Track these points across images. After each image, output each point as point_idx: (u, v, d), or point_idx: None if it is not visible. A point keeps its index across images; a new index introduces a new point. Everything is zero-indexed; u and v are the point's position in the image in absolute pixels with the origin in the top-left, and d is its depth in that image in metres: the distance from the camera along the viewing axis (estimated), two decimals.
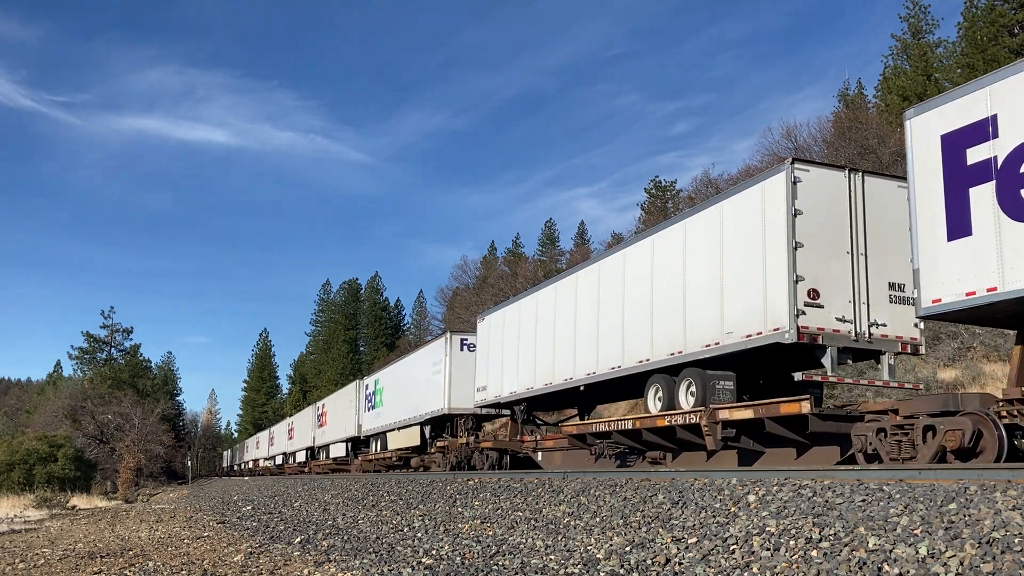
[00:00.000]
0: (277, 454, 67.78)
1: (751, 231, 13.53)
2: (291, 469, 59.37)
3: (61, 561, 14.01)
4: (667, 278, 15.66)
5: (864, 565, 6.37)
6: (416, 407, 29.17)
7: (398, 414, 31.91)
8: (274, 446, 70.53)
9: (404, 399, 31.08)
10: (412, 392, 30.03)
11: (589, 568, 8.39)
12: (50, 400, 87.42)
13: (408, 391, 30.71)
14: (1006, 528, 6.11)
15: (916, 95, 39.31)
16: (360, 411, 39.01)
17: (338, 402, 45.42)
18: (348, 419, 41.04)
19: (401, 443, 31.26)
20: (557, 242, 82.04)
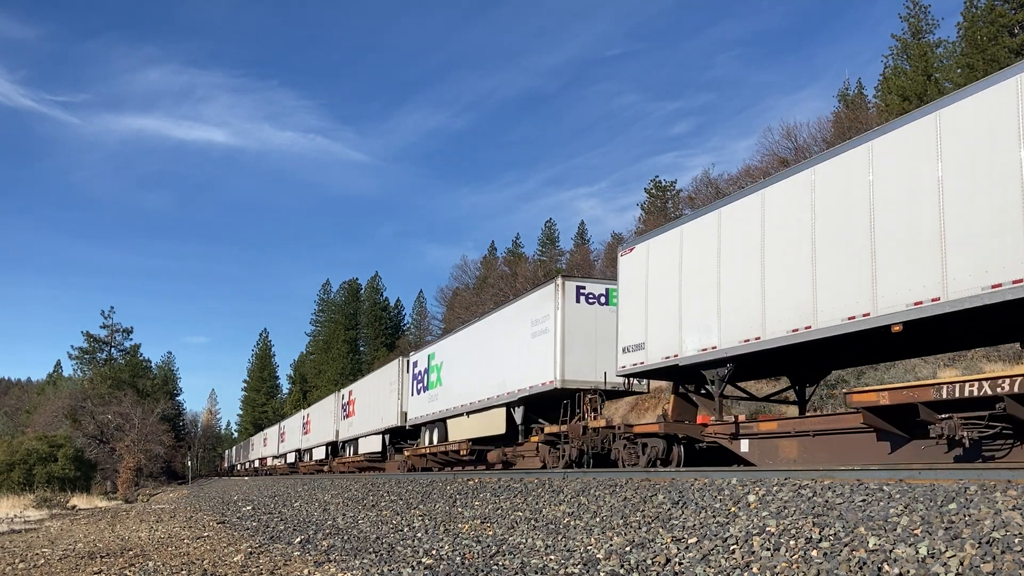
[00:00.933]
0: (289, 451, 61.10)
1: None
2: (307, 468, 52.26)
3: (61, 561, 14.01)
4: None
5: (864, 565, 6.37)
6: (501, 382, 22.28)
7: (470, 394, 24.93)
8: (285, 443, 63.78)
9: (480, 373, 24.08)
10: (494, 363, 23.14)
11: (589, 568, 8.39)
12: (50, 400, 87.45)
13: (486, 363, 23.76)
14: (1006, 528, 6.11)
15: (916, 95, 39.35)
16: (404, 395, 32.35)
17: (373, 386, 38.22)
18: (387, 406, 34.31)
19: (474, 431, 24.50)
20: (557, 242, 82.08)
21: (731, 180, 47.42)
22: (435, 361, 28.60)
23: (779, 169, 40.22)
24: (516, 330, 21.67)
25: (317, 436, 50.13)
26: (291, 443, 60.29)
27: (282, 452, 64.35)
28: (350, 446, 41.82)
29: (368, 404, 37.83)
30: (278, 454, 66.61)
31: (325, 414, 48.52)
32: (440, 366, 28.00)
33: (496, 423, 22.64)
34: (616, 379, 17.45)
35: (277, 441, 67.85)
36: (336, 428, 45.24)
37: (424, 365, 29.79)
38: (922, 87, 39.65)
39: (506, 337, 22.39)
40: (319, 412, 51.43)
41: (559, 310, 19.51)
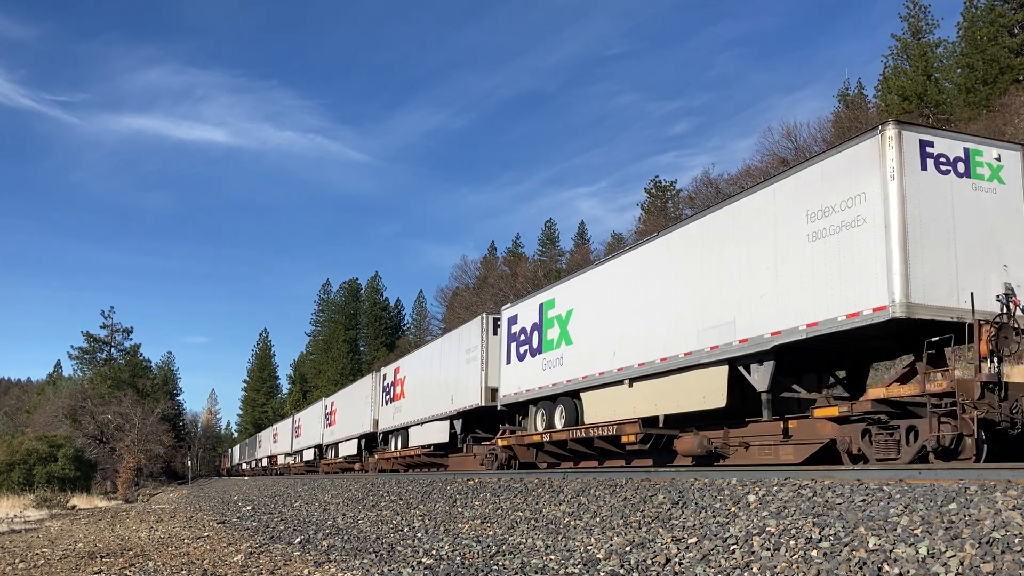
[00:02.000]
0: (307, 447, 52.65)
1: None
2: (330, 466, 44.49)
3: (61, 561, 14.01)
4: None
5: (864, 565, 6.37)
6: (726, 319, 13.28)
7: (656, 346, 15.11)
8: (301, 437, 55.76)
9: (700, 310, 14.02)
10: (725, 288, 13.48)
11: (589, 568, 8.39)
12: (50, 400, 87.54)
13: (712, 293, 13.80)
14: (1006, 528, 6.11)
15: (916, 95, 39.37)
16: (488, 367, 22.94)
17: (431, 360, 28.27)
18: (458, 383, 24.87)
19: (676, 401, 14.61)
20: (557, 242, 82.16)
21: (731, 180, 47.46)
22: (561, 310, 19.21)
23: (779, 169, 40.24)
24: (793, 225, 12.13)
25: (344, 428, 41.24)
26: (309, 438, 52.01)
27: (297, 448, 56.72)
28: (394, 439, 32.45)
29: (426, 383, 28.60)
30: (292, 451, 58.94)
31: (355, 401, 38.96)
32: (568, 317, 18.86)
33: (711, 390, 13.78)
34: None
35: (290, 436, 60.03)
36: (373, 417, 35.26)
37: (535, 319, 20.55)
38: (922, 87, 39.67)
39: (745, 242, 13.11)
40: (348, 400, 41.55)
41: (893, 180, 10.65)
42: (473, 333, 24.24)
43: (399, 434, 31.75)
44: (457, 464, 26.54)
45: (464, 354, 24.69)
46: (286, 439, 61.85)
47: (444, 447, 26.90)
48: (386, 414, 33.64)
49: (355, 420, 38.83)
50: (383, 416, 34.08)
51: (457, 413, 24.80)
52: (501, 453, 21.91)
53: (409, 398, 30.37)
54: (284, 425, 65.68)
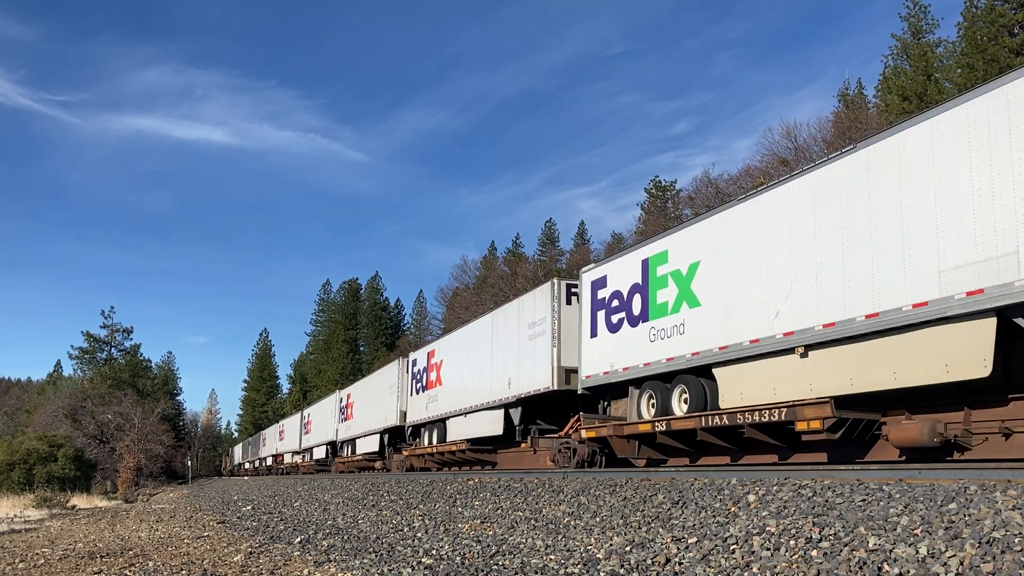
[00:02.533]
0: (318, 444, 48.46)
1: None
2: (346, 465, 40.12)
3: (61, 561, 14.01)
4: None
5: (864, 565, 6.37)
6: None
7: (859, 298, 11.45)
8: (311, 434, 51.19)
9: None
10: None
11: (589, 568, 8.39)
12: (50, 400, 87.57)
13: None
14: (1006, 528, 6.11)
15: (916, 95, 39.37)
16: (562, 343, 19.22)
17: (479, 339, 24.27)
18: (519, 364, 20.97)
19: (893, 372, 10.89)
20: (557, 242, 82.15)
21: (731, 180, 47.46)
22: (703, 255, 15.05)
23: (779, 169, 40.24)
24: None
25: (366, 421, 37.00)
26: (321, 434, 48.02)
27: (307, 446, 52.66)
28: (428, 432, 28.43)
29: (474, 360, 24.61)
30: (300, 449, 54.94)
31: (381, 391, 34.65)
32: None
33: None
34: None
35: (299, 433, 55.90)
36: (400, 408, 31.46)
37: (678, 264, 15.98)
38: (922, 87, 39.67)
39: None
40: (371, 389, 37.32)
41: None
42: (540, 304, 20.24)
43: (434, 427, 27.71)
44: (511, 461, 22.74)
45: (526, 329, 20.96)
46: (293, 436, 57.91)
47: (495, 441, 23.19)
48: (417, 405, 29.67)
49: (377, 413, 34.96)
50: (413, 407, 30.06)
51: (516, 400, 20.89)
52: (582, 447, 17.99)
53: (448, 385, 26.55)
54: (291, 421, 61.79)
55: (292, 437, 58.28)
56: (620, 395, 17.11)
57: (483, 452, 24.18)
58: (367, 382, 40.31)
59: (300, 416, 57.59)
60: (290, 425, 61.04)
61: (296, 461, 56.13)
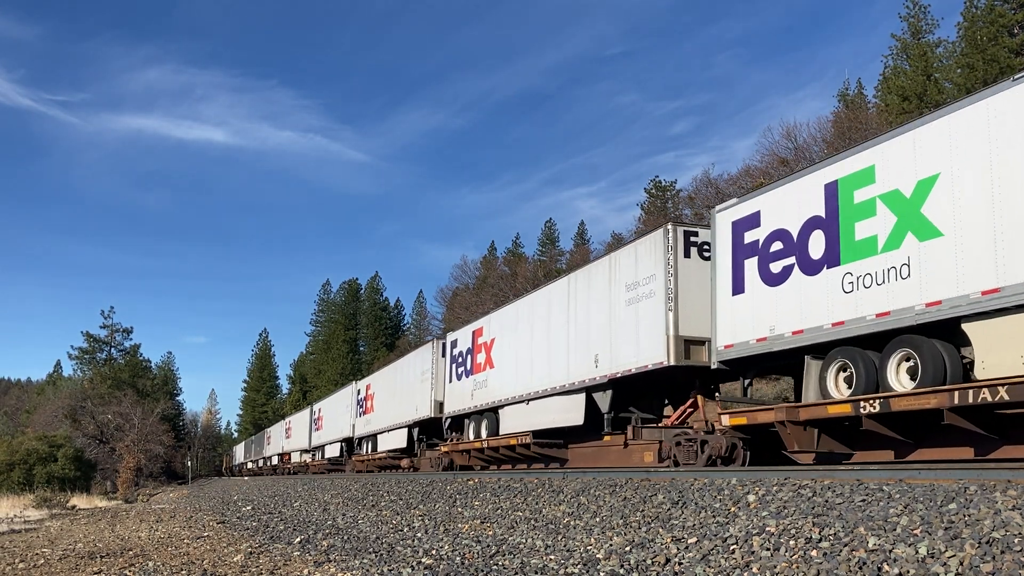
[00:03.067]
0: (330, 442, 44.56)
1: None
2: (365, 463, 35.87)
3: (61, 561, 14.01)
4: None
5: (864, 565, 6.37)
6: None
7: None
8: (322, 431, 47.50)
9: None
10: None
11: (589, 568, 8.39)
12: (50, 400, 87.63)
13: None
14: (1006, 528, 6.12)
15: (916, 95, 39.36)
16: (718, 296, 14.38)
17: (559, 302, 19.39)
18: (616, 332, 16.75)
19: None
20: (557, 242, 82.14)
21: (731, 180, 47.44)
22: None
23: (779, 169, 40.23)
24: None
25: (390, 414, 32.77)
26: (334, 430, 43.96)
27: (318, 444, 48.61)
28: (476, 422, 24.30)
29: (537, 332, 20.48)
30: (310, 447, 51.05)
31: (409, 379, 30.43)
32: None
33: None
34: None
35: (308, 430, 51.99)
36: (436, 398, 27.29)
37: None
38: (922, 87, 39.66)
39: None
40: (397, 377, 32.57)
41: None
42: (645, 259, 16.33)
43: (483, 418, 23.44)
44: (589, 458, 18.93)
45: (623, 292, 16.92)
46: (301, 434, 53.87)
47: (568, 433, 19.98)
48: (458, 392, 25.54)
49: (405, 404, 30.67)
50: (453, 395, 25.68)
51: (608, 381, 17.04)
52: (717, 439, 14.55)
53: (502, 367, 22.31)
54: (299, 418, 57.53)
55: (300, 434, 54.24)
56: (771, 371, 15.19)
57: (552, 447, 20.16)
58: (392, 370, 34.60)
59: (310, 411, 53.38)
60: (298, 422, 57.00)
61: (305, 460, 52.29)
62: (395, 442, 31.76)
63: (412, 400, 29.74)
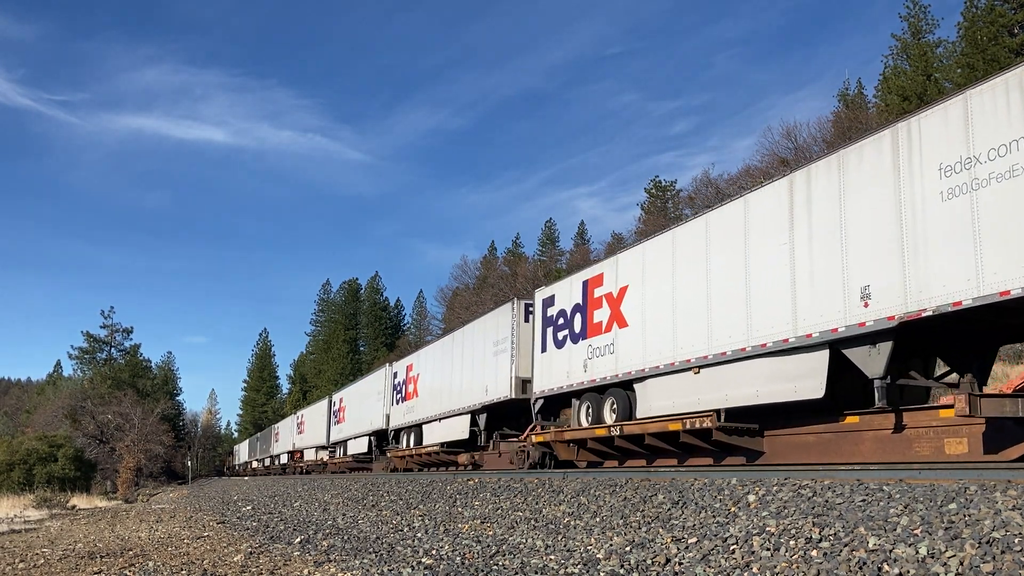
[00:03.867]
0: (355, 436, 38.45)
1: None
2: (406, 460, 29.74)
3: (61, 561, 14.01)
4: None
5: (864, 565, 6.37)
6: None
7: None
8: (345, 424, 41.01)
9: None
10: None
11: (589, 568, 8.39)
12: (50, 400, 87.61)
13: None
14: (1006, 528, 6.11)
15: (916, 95, 39.37)
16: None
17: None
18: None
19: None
20: (557, 242, 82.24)
21: (731, 180, 47.45)
22: None
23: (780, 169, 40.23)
24: None
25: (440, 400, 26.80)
26: (361, 422, 37.59)
27: (339, 439, 42.52)
28: (407, 434, 25.46)
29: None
30: (328, 443, 45.25)
31: (473, 354, 24.55)
32: None
33: None
34: None
35: (325, 424, 46.17)
36: (515, 374, 21.42)
37: None
38: (922, 87, 39.67)
39: None
40: (454, 352, 26.45)
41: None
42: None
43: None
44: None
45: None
46: (317, 428, 48.45)
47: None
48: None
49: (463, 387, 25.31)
50: (547, 369, 19.66)
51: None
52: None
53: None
54: (314, 411, 51.98)
55: (316, 429, 48.54)
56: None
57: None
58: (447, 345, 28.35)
59: (328, 403, 46.89)
60: (313, 415, 51.18)
61: (322, 458, 46.55)
62: (451, 432, 25.78)
63: (473, 381, 24.38)
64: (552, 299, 19.73)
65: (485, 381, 23.33)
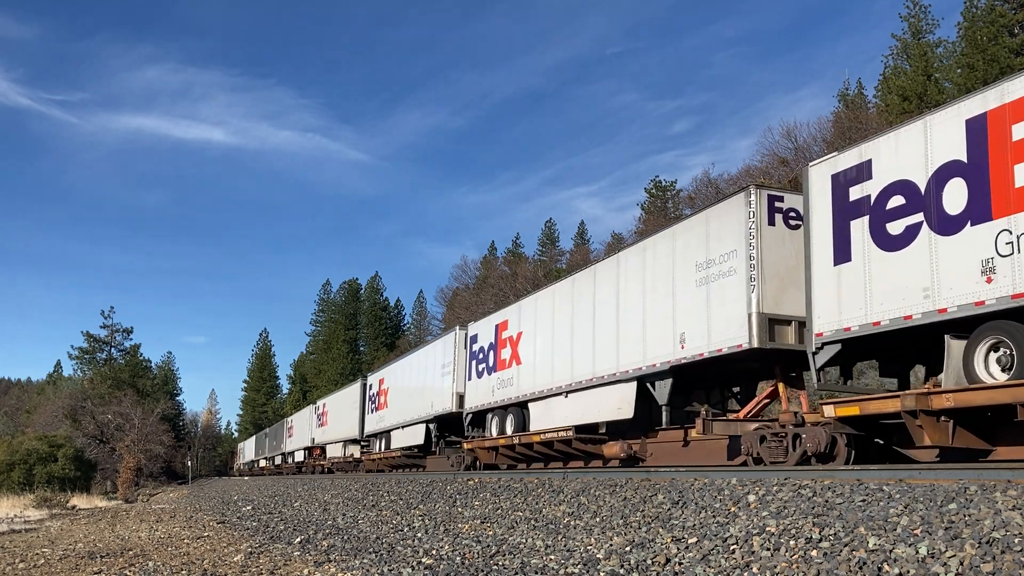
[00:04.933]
0: (398, 425, 31.04)
1: None
2: (510, 452, 21.24)
3: (61, 561, 14.01)
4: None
5: (864, 565, 6.37)
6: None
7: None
8: (386, 411, 33.25)
9: None
10: None
11: (589, 568, 8.39)
12: (50, 400, 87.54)
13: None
14: (1006, 528, 6.12)
15: (916, 95, 39.36)
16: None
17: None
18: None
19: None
20: (557, 242, 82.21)
21: (731, 180, 47.42)
22: None
23: (779, 169, 40.26)
24: None
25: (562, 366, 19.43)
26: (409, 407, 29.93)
27: (378, 431, 34.34)
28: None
29: None
30: (362, 436, 37.20)
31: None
32: None
33: None
34: None
35: (357, 413, 37.97)
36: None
37: None
38: (922, 87, 39.65)
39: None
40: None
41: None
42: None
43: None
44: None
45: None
46: (345, 419, 40.55)
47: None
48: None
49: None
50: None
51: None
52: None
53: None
54: (342, 398, 43.05)
55: (342, 420, 40.98)
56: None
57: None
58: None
59: (361, 387, 38.45)
60: (338, 404, 43.17)
61: (352, 455, 39.11)
62: (600, 411, 22.06)
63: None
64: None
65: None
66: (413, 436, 29.21)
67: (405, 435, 30.20)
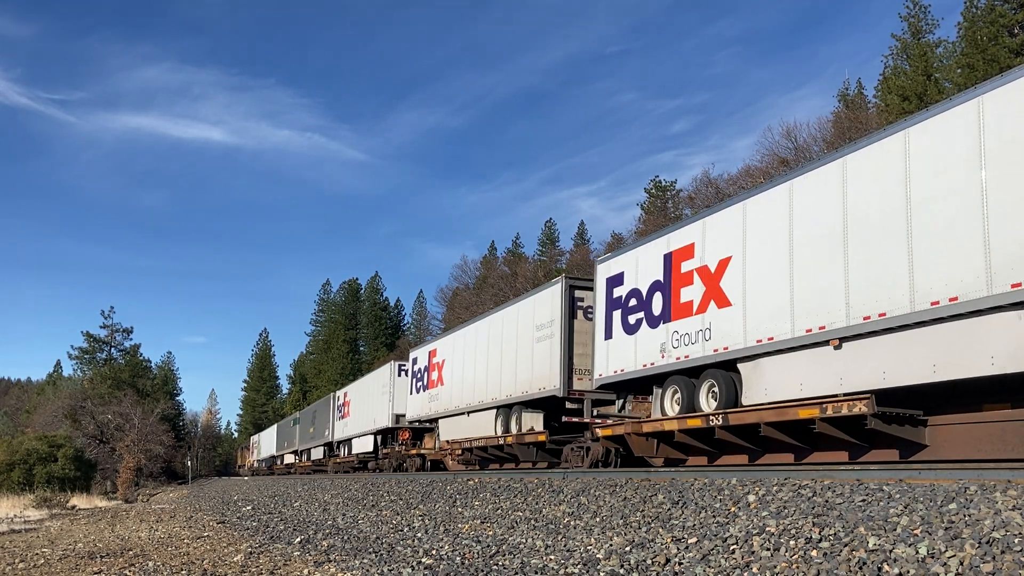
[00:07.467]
0: (474, 408, 23.62)
1: None
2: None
3: (61, 561, 14.01)
4: None
5: (864, 565, 6.37)
6: None
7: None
8: (444, 386, 26.44)
9: None
10: None
11: (589, 568, 8.39)
12: (50, 400, 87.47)
13: None
14: (1006, 528, 6.12)
15: (916, 95, 39.36)
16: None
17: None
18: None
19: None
20: (557, 242, 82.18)
21: (731, 180, 47.44)
22: None
23: (779, 170, 40.22)
24: None
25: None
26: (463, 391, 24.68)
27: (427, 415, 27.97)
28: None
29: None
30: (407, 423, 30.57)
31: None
32: None
33: None
34: None
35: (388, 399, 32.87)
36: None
37: None
38: (922, 87, 39.66)
39: None
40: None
41: None
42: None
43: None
44: None
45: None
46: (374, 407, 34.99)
47: None
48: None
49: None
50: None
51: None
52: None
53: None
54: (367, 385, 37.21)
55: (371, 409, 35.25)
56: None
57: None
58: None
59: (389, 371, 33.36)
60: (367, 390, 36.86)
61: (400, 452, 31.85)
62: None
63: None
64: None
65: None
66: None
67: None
